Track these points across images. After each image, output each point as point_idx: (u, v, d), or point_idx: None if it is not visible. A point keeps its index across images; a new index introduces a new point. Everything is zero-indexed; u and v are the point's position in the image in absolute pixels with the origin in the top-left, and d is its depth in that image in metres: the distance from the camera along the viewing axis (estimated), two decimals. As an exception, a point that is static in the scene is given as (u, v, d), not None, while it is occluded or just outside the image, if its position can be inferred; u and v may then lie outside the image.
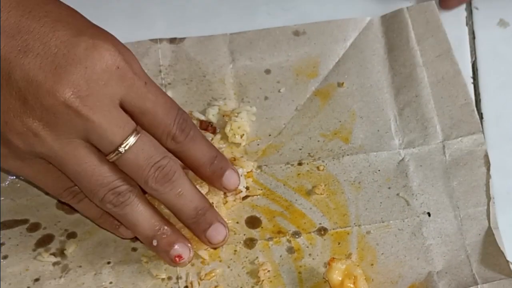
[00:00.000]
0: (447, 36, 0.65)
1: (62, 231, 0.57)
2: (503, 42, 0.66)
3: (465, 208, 0.58)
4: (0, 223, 0.57)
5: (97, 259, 0.56)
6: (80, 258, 0.56)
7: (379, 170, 0.60)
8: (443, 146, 0.60)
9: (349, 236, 0.57)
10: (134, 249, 0.57)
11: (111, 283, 0.55)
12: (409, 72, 0.63)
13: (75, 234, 0.57)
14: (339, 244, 0.57)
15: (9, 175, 0.59)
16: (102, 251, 0.56)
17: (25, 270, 0.55)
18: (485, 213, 0.57)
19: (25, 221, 0.58)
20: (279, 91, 0.63)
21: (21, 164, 0.51)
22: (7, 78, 0.48)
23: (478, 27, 0.67)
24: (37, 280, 0.55)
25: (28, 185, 0.59)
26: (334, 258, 0.53)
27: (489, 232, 0.57)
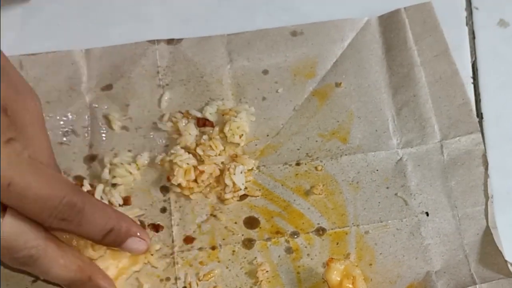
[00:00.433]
0: (444, 36, 0.65)
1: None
2: (503, 42, 0.66)
3: (463, 207, 0.58)
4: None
5: (95, 260, 0.56)
6: (78, 259, 0.56)
7: (377, 170, 0.60)
8: (441, 146, 0.60)
9: (348, 236, 0.57)
10: (132, 250, 0.57)
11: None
12: (406, 72, 0.63)
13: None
14: (338, 244, 0.57)
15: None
16: (100, 252, 0.56)
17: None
18: (483, 212, 0.57)
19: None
20: (277, 91, 0.63)
21: None
22: None
23: (478, 27, 0.67)
24: (34, 281, 0.55)
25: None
26: (333, 259, 0.53)
27: (487, 232, 0.57)
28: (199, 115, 0.62)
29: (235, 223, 0.58)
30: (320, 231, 0.58)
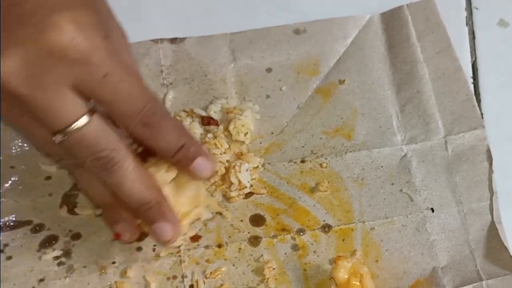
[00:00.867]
0: (447, 33, 0.65)
1: (67, 231, 0.57)
2: (503, 42, 0.66)
3: (468, 203, 0.58)
4: (2, 224, 0.57)
5: (102, 259, 0.56)
6: (85, 258, 0.56)
7: (382, 167, 0.60)
8: (445, 142, 0.61)
9: (353, 233, 0.57)
10: (139, 248, 0.57)
11: (116, 282, 0.55)
12: (410, 68, 0.64)
13: (80, 234, 0.57)
14: (344, 240, 0.57)
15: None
16: (107, 251, 0.56)
17: (29, 270, 0.55)
18: (488, 207, 0.58)
19: (28, 222, 0.58)
20: (280, 89, 0.63)
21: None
22: None
23: (478, 27, 0.67)
24: (42, 280, 0.55)
25: (31, 186, 0.59)
26: (340, 256, 0.53)
27: (492, 227, 0.57)
28: (203, 113, 0.62)
29: (241, 221, 0.58)
30: (326, 228, 0.58)
